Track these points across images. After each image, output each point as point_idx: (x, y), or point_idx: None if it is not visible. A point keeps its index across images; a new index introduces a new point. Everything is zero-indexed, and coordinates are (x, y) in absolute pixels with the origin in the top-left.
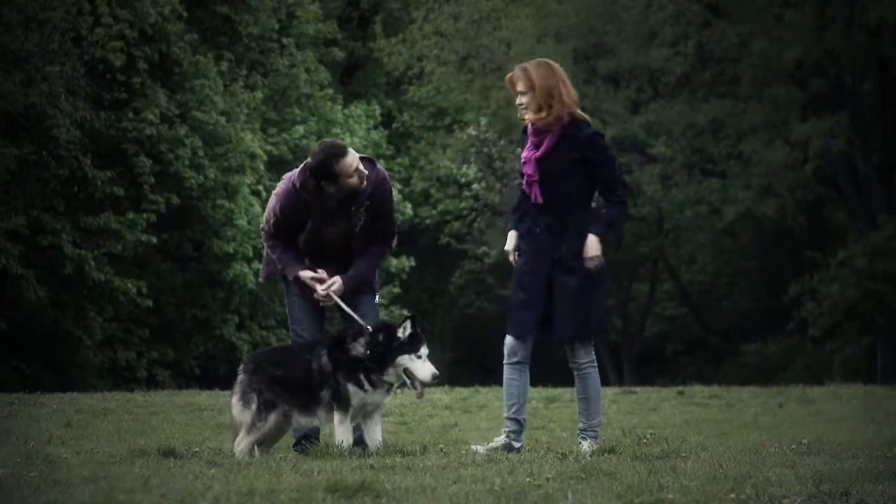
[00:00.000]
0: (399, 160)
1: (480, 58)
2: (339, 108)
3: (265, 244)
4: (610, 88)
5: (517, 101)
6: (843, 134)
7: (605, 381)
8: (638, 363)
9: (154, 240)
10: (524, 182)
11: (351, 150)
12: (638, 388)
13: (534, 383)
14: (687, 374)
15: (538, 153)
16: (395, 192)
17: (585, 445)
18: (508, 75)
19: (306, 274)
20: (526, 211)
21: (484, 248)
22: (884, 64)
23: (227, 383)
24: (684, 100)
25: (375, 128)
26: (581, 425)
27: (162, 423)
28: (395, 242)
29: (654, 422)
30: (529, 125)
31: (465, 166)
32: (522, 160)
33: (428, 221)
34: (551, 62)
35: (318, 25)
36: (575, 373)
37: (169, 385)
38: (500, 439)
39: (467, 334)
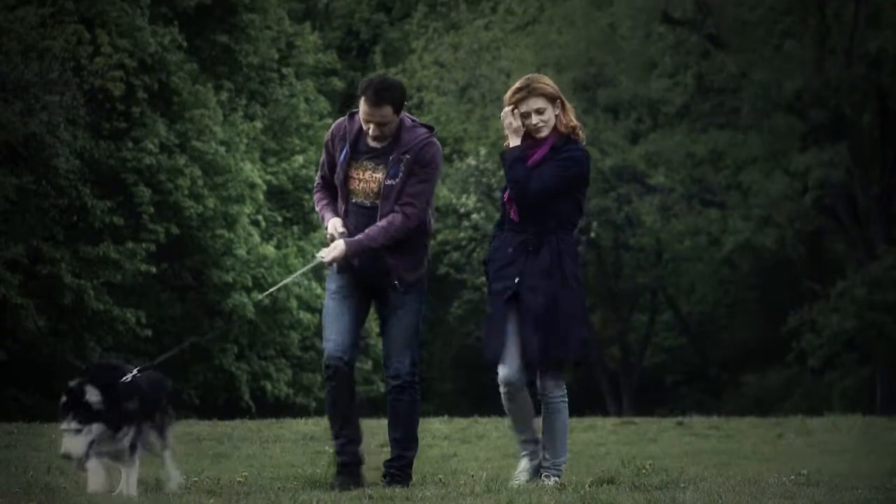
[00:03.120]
0: None
1: (480, 88)
2: None
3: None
4: (609, 118)
5: (532, 121)
6: (842, 165)
7: (604, 412)
8: (637, 393)
9: (153, 269)
10: (505, 197)
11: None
12: (637, 419)
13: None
14: (686, 405)
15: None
16: None
17: (550, 483)
18: (520, 93)
19: (335, 223)
20: (502, 228)
21: (483, 279)
22: (883, 95)
23: (226, 413)
24: (684, 130)
25: None
26: (545, 462)
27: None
28: (417, 215)
29: (654, 452)
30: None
31: (464, 196)
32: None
33: None
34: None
35: (318, 55)
36: (543, 406)
37: None
38: (525, 464)
39: (466, 364)
